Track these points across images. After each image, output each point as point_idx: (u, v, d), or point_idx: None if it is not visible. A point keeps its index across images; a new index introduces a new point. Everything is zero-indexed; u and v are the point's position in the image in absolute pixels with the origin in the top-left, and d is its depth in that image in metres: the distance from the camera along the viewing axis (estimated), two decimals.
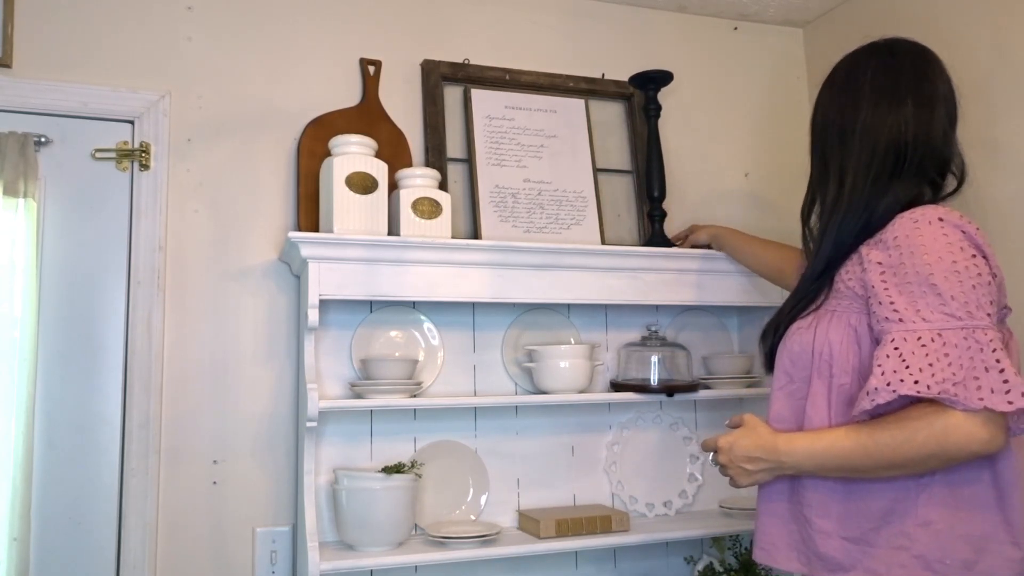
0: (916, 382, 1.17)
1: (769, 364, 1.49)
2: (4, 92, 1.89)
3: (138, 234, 1.96)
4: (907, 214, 1.30)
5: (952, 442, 1.16)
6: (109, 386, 1.92)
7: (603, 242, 2.24)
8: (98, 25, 2.00)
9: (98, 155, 1.96)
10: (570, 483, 2.21)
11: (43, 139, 1.91)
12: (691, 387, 2.13)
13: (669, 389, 2.09)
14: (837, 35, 2.54)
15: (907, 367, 1.18)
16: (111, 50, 2.01)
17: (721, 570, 2.14)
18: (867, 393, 1.21)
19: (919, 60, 1.40)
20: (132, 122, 2.00)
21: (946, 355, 1.17)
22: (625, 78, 2.30)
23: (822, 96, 1.49)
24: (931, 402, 1.18)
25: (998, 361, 1.15)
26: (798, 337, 1.39)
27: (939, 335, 1.18)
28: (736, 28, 2.62)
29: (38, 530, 1.83)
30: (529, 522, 2.03)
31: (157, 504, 1.91)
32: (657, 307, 2.31)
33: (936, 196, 1.39)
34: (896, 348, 1.21)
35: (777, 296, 2.22)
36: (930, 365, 1.17)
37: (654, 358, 2.13)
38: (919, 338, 1.19)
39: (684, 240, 2.19)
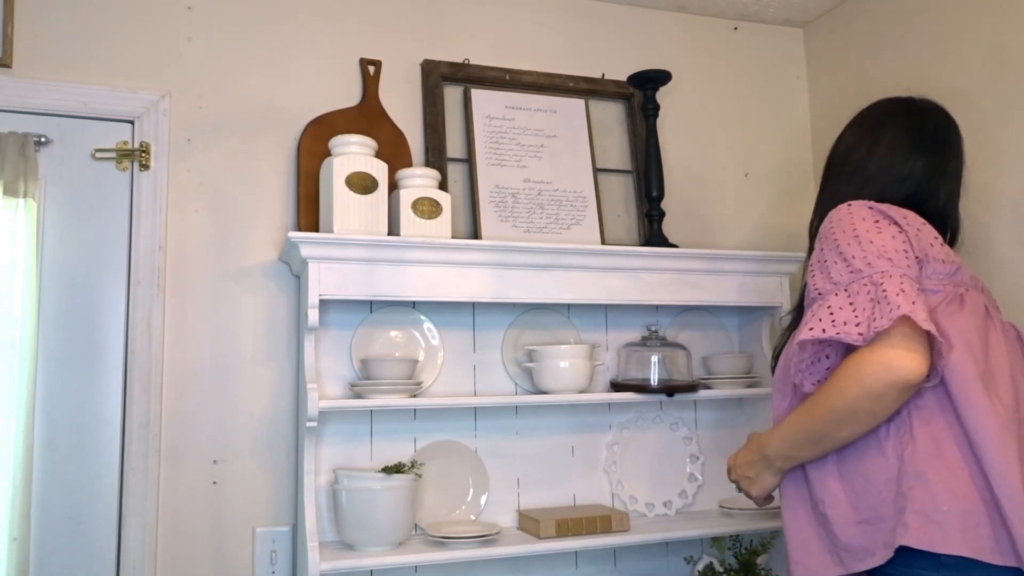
0: (811, 329, 1.28)
1: None
2: (4, 92, 1.89)
3: (138, 234, 1.96)
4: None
5: (867, 375, 1.23)
6: (109, 386, 1.92)
7: (603, 242, 2.24)
8: (98, 25, 2.00)
9: (98, 155, 1.96)
10: (570, 483, 2.21)
11: (43, 139, 1.91)
12: (691, 387, 2.13)
13: (669, 389, 2.10)
14: (837, 35, 2.54)
15: (808, 323, 1.30)
16: (111, 50, 2.01)
17: (721, 570, 2.14)
18: (795, 344, 1.34)
19: (944, 131, 1.51)
20: (132, 122, 2.00)
21: (850, 303, 1.27)
22: (625, 78, 2.30)
23: (847, 132, 1.60)
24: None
25: (885, 291, 1.24)
26: (781, 355, 1.50)
27: (844, 291, 1.29)
28: (736, 28, 2.62)
29: (38, 530, 1.83)
30: (529, 522, 2.03)
31: (157, 504, 1.91)
32: (657, 307, 2.31)
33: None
34: (811, 314, 1.32)
35: (777, 297, 2.23)
36: (831, 314, 1.27)
37: (654, 358, 2.13)
38: (828, 301, 1.30)
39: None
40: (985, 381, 1.26)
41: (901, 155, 1.48)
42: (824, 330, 1.26)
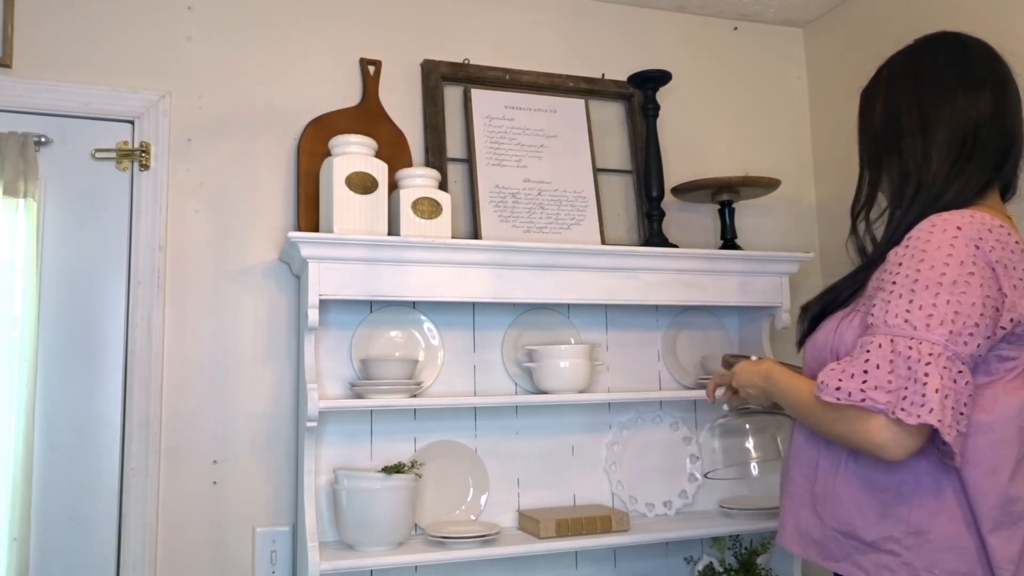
0: (837, 389, 1.22)
1: (801, 343, 1.51)
2: (4, 92, 1.89)
3: (138, 234, 1.96)
4: (935, 216, 1.28)
5: (856, 436, 1.22)
6: (109, 386, 1.92)
7: (603, 242, 2.24)
8: (98, 25, 2.00)
9: (98, 155, 1.96)
10: (570, 483, 2.21)
11: (43, 139, 1.91)
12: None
13: None
14: (837, 35, 2.54)
15: (851, 373, 1.22)
16: (111, 50, 2.01)
17: (721, 570, 2.14)
18: (819, 381, 1.27)
19: (988, 49, 1.40)
20: (132, 122, 2.00)
21: (891, 362, 1.20)
22: (625, 78, 2.30)
23: (888, 90, 1.44)
24: None
25: (927, 375, 1.16)
26: (823, 334, 1.40)
27: (891, 341, 1.21)
28: (736, 28, 2.62)
29: (38, 530, 1.83)
30: (529, 522, 2.03)
31: (157, 504, 1.91)
32: (657, 307, 2.31)
33: (1003, 181, 1.37)
34: (850, 359, 1.25)
35: (777, 297, 2.23)
36: (864, 371, 1.21)
37: None
38: (880, 345, 1.22)
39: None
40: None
41: (955, 94, 1.33)
42: (851, 394, 1.21)
